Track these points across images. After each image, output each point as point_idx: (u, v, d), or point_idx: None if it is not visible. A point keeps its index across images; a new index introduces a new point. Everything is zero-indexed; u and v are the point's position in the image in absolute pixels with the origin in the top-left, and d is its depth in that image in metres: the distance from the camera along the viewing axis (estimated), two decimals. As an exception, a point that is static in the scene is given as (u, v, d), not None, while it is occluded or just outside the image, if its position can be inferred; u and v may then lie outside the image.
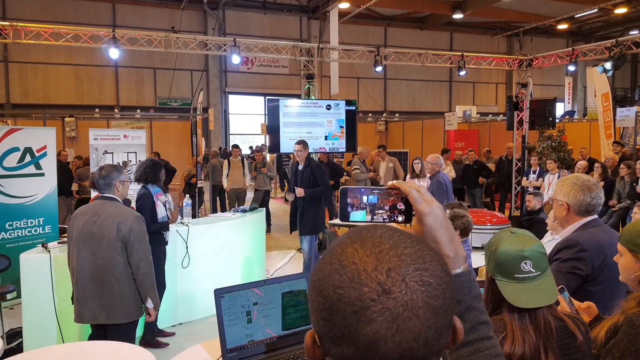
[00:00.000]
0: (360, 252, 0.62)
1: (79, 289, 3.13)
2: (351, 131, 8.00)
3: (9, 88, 15.95)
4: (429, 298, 0.60)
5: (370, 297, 0.59)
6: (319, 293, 0.62)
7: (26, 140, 5.82)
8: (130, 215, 3.21)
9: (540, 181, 8.82)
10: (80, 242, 3.13)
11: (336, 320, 0.60)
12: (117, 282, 3.11)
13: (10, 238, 5.62)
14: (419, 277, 0.60)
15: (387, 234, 0.65)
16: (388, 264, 0.61)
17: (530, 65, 10.58)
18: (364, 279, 0.60)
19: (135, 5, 17.04)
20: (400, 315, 0.58)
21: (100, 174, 3.27)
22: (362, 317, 0.58)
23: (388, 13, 19.54)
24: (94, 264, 3.10)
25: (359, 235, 0.66)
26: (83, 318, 3.17)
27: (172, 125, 14.18)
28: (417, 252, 0.63)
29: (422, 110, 20.69)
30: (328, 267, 0.63)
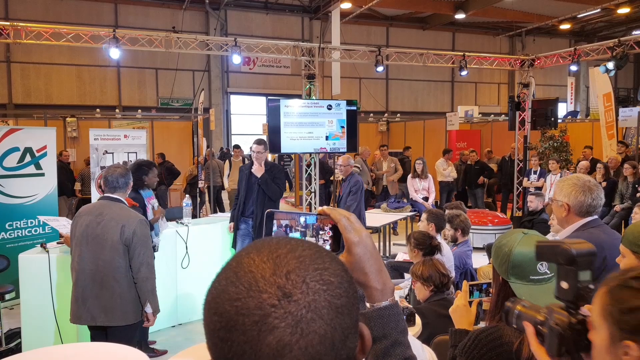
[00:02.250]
0: (256, 260, 0.58)
1: (78, 289, 3.10)
2: (352, 131, 7.97)
3: (11, 88, 15.98)
4: (331, 297, 0.57)
5: (270, 302, 0.54)
6: (215, 312, 0.56)
7: (26, 140, 5.82)
8: (135, 218, 3.16)
9: (541, 181, 8.78)
10: (82, 241, 3.10)
11: (235, 337, 0.54)
12: (117, 284, 3.07)
13: (10, 238, 5.62)
14: (319, 277, 0.57)
15: (284, 240, 0.62)
16: (287, 267, 0.57)
17: (532, 65, 10.54)
18: (263, 285, 0.55)
19: (137, 6, 17.05)
20: (304, 318, 0.54)
21: (118, 173, 3.22)
22: (263, 327, 0.54)
23: (390, 13, 19.51)
24: (95, 265, 3.07)
25: (255, 245, 0.62)
26: (81, 319, 3.13)
27: (174, 126, 14.17)
28: (315, 253, 0.60)
29: (424, 110, 20.65)
30: (223, 282, 0.58)
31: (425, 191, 8.33)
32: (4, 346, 4.26)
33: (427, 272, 2.88)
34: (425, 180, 8.35)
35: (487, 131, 14.08)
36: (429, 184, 8.35)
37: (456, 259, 4.15)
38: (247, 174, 5.07)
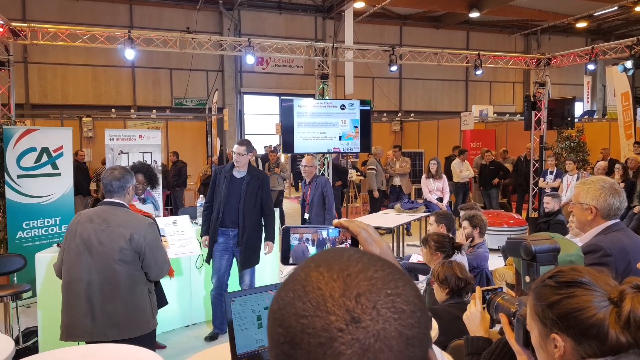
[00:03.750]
0: (326, 277, 0.56)
1: (82, 302, 2.82)
2: (366, 131, 7.95)
3: (28, 89, 16.18)
4: (402, 327, 0.54)
5: (338, 326, 0.52)
6: (280, 324, 0.55)
7: (43, 140, 5.89)
8: (143, 222, 2.95)
9: (558, 182, 8.67)
10: (85, 250, 2.84)
11: (299, 355, 0.53)
12: (128, 294, 2.85)
13: (27, 237, 5.69)
14: (391, 303, 0.54)
15: (355, 256, 0.59)
16: (357, 289, 0.54)
17: (548, 64, 10.41)
18: (331, 306, 0.53)
19: (151, 7, 17.17)
20: (372, 347, 0.52)
21: (114, 175, 2.97)
22: (329, 350, 0.52)
23: (404, 12, 19.41)
24: (104, 276, 2.82)
25: (324, 258, 0.59)
26: (89, 335, 2.83)
27: (188, 126, 14.25)
28: (388, 275, 0.57)
29: (438, 110, 20.52)
30: (290, 295, 0.56)
31: (439, 192, 8.27)
32: (21, 344, 4.31)
33: (443, 274, 2.84)
34: (439, 180, 8.28)
35: (502, 131, 13.95)
36: (443, 184, 8.29)
37: (474, 260, 4.09)
38: (227, 177, 4.51)
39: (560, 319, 1.02)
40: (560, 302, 1.02)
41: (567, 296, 1.02)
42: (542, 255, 1.25)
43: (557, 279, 1.05)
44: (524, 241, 1.29)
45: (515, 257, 1.44)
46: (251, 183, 4.46)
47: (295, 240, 0.95)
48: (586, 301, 1.00)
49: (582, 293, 1.01)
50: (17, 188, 5.66)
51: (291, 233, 0.95)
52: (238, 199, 4.43)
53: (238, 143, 4.56)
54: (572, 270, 1.06)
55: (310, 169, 5.65)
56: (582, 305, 1.00)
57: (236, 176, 4.50)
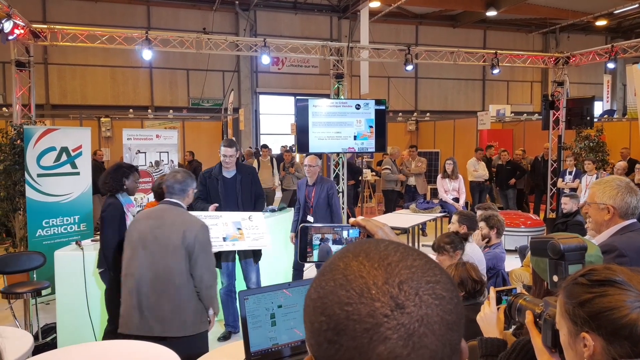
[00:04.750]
0: (367, 266, 0.58)
1: (132, 297, 2.92)
2: (381, 131, 7.92)
3: (48, 89, 16.46)
4: (443, 312, 0.56)
5: (383, 312, 0.54)
6: (322, 312, 0.57)
7: (62, 140, 5.98)
8: (197, 223, 3.02)
9: (576, 182, 8.54)
10: (140, 246, 2.95)
11: (344, 341, 0.54)
12: (177, 292, 2.90)
13: (46, 235, 5.79)
14: (432, 290, 0.57)
15: (392, 246, 0.61)
16: (399, 276, 0.56)
17: (567, 63, 10.27)
18: (375, 293, 0.55)
19: (168, 8, 17.33)
20: (416, 332, 0.54)
21: (176, 179, 3.09)
22: (375, 336, 0.53)
23: (420, 11, 19.30)
24: (155, 272, 2.90)
25: (361, 248, 0.61)
26: (134, 328, 2.90)
27: (204, 126, 14.36)
28: (425, 264, 0.59)
29: (454, 109, 20.37)
30: (331, 284, 0.58)
31: (455, 192, 8.20)
32: (41, 340, 4.39)
33: (458, 277, 2.79)
34: (455, 180, 8.22)
35: (519, 131, 13.79)
36: (460, 184, 8.22)
37: (490, 261, 4.05)
38: (219, 179, 4.58)
39: (592, 318, 1.00)
40: (592, 300, 1.01)
41: (600, 295, 1.00)
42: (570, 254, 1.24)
43: (590, 277, 1.04)
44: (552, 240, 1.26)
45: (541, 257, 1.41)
46: (244, 180, 4.56)
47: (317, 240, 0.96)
48: (619, 300, 0.98)
49: (615, 292, 0.99)
50: (37, 187, 5.76)
51: (309, 232, 0.95)
52: (235, 198, 4.51)
53: (227, 145, 4.55)
54: (605, 268, 1.05)
55: (314, 168, 5.28)
56: (615, 304, 0.98)
57: (227, 176, 4.57)
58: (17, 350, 2.48)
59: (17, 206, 6.28)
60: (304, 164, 5.36)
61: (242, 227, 4.35)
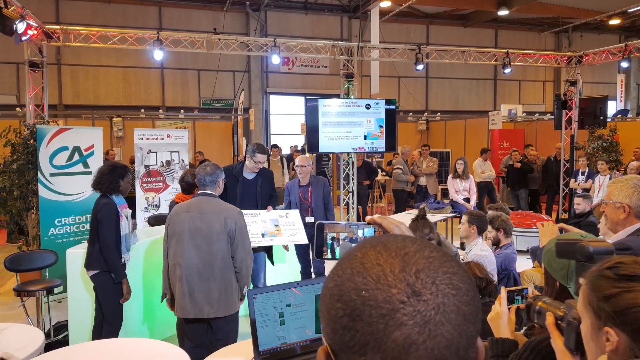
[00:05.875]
0: (384, 255, 0.58)
1: (184, 284, 3.16)
2: (391, 131, 7.89)
3: (61, 89, 16.64)
4: (460, 303, 0.56)
5: (400, 299, 0.54)
6: (338, 299, 0.57)
7: (75, 139, 6.04)
8: (234, 210, 3.31)
9: (589, 183, 8.45)
10: (186, 237, 3.18)
11: (360, 327, 0.54)
12: (222, 275, 3.18)
13: (58, 234, 5.84)
14: (449, 280, 0.56)
15: (410, 239, 0.61)
16: (416, 265, 0.57)
17: (579, 62, 10.16)
18: (392, 280, 0.55)
19: (180, 8, 17.43)
20: (432, 319, 0.54)
21: (206, 172, 3.34)
22: (391, 321, 0.53)
23: (430, 11, 19.22)
24: (201, 259, 3.17)
25: (379, 240, 0.61)
26: (188, 312, 3.18)
27: (215, 126, 14.43)
28: (443, 256, 0.59)
29: (465, 109, 20.25)
30: (348, 272, 0.58)
31: (466, 192, 8.15)
32: (52, 338, 4.43)
33: None
34: (466, 180, 8.17)
35: (531, 130, 13.67)
36: (470, 184, 8.17)
37: (501, 261, 4.02)
38: (237, 179, 4.64)
39: (617, 314, 0.97)
40: (619, 295, 0.97)
41: (627, 290, 0.97)
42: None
43: (617, 271, 1.00)
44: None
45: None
46: (264, 184, 4.69)
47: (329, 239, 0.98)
48: None
49: None
50: (50, 186, 5.82)
51: (325, 229, 0.97)
52: (255, 201, 4.63)
53: (261, 152, 4.58)
54: (634, 262, 1.01)
55: (306, 168, 5.15)
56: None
57: (248, 178, 4.65)
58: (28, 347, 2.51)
59: (30, 205, 6.35)
60: (296, 165, 5.23)
61: (279, 224, 4.57)
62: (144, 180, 6.99)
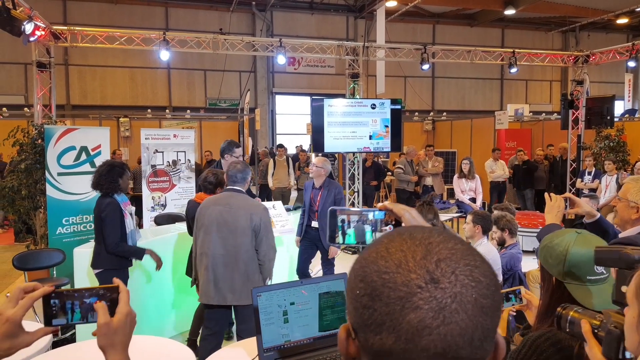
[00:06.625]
0: (408, 242, 0.60)
1: (209, 272, 3.35)
2: (396, 130, 7.89)
3: (69, 90, 16.76)
4: (479, 295, 0.57)
5: (417, 283, 0.56)
6: (361, 279, 0.60)
7: (82, 139, 6.08)
8: (260, 206, 3.48)
9: (596, 183, 8.41)
10: (213, 228, 3.36)
11: (378, 306, 0.57)
12: (245, 266, 3.34)
13: (66, 233, 5.88)
14: (469, 272, 0.58)
15: (437, 231, 0.63)
16: (438, 255, 0.58)
17: (586, 62, 10.11)
18: (412, 266, 0.58)
19: (186, 9, 17.51)
20: (448, 307, 0.55)
21: (238, 169, 3.51)
22: (407, 304, 0.56)
23: (437, 10, 19.19)
24: (226, 250, 3.34)
25: (407, 229, 0.64)
26: (212, 299, 3.36)
27: (221, 125, 14.48)
28: (467, 249, 0.61)
29: (472, 109, 20.20)
30: (373, 255, 0.61)
31: (472, 192, 8.13)
32: (60, 336, 4.47)
33: None
34: (472, 180, 8.15)
35: (538, 130, 13.62)
36: (476, 184, 8.15)
37: (506, 261, 4.01)
38: None
39: None
40: None
41: None
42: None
43: None
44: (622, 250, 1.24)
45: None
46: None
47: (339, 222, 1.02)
48: None
49: None
50: (58, 185, 5.86)
51: (338, 215, 1.01)
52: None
53: (238, 147, 4.92)
54: None
55: (319, 169, 5.04)
56: None
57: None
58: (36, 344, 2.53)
59: (38, 204, 6.40)
60: (311, 163, 5.33)
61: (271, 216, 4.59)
62: (151, 180, 7.03)
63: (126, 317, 1.00)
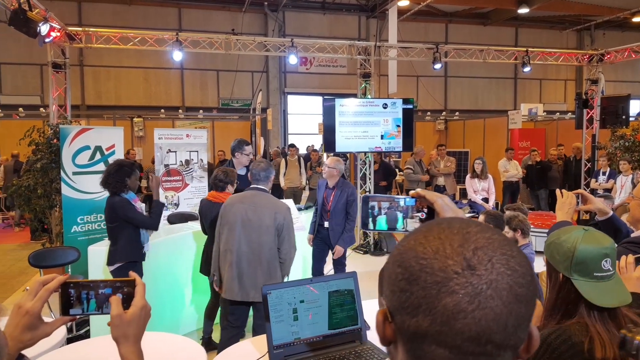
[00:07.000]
0: (447, 231, 0.62)
1: (233, 269, 3.43)
2: (408, 130, 7.87)
3: (84, 90, 16.96)
4: (514, 283, 0.58)
5: (454, 269, 0.58)
6: (399, 265, 0.62)
7: (96, 139, 6.16)
8: (284, 206, 3.55)
9: (611, 183, 8.31)
10: (237, 226, 3.43)
11: (415, 290, 0.59)
12: (267, 264, 3.42)
13: (81, 231, 5.97)
14: (505, 261, 0.59)
15: (474, 222, 0.65)
16: (475, 243, 0.60)
17: (601, 61, 9.99)
18: (450, 252, 0.59)
19: (199, 9, 17.62)
20: (483, 293, 0.57)
21: (261, 167, 3.58)
22: (443, 288, 0.58)
23: (449, 9, 19.08)
24: (250, 247, 3.41)
25: (446, 219, 0.66)
26: (236, 295, 3.43)
27: (233, 125, 14.55)
28: (504, 240, 0.62)
29: (485, 108, 20.06)
30: (411, 242, 0.63)
31: (484, 192, 8.09)
32: (75, 332, 4.54)
33: None
34: (485, 180, 8.10)
35: (552, 130, 13.49)
36: (489, 184, 8.10)
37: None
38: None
39: None
40: None
41: None
42: None
43: None
44: None
45: None
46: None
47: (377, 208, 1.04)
48: None
49: None
50: (73, 184, 5.95)
51: (369, 201, 1.03)
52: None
53: (247, 144, 5.03)
54: None
55: (331, 170, 5.00)
56: None
57: (241, 174, 4.95)
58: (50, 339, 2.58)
59: (53, 203, 6.50)
60: (324, 164, 5.28)
61: None
62: (164, 179, 7.10)
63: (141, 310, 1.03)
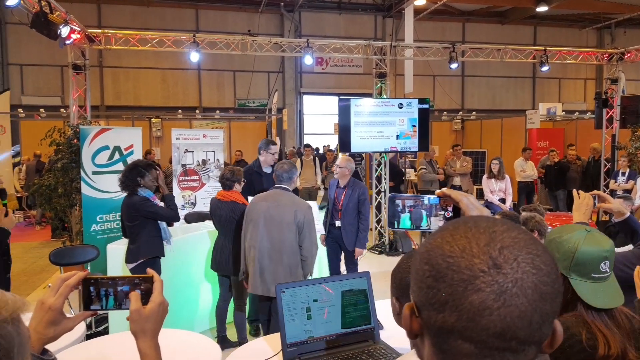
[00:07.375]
0: (473, 230, 0.64)
1: (256, 265, 3.55)
2: (424, 130, 7.84)
3: (103, 91, 17.22)
4: (539, 282, 0.60)
5: (480, 268, 0.60)
6: (426, 262, 0.64)
7: (115, 139, 6.26)
8: (304, 204, 3.67)
9: (631, 184, 8.18)
10: (261, 223, 3.55)
11: (442, 287, 0.61)
12: (288, 260, 3.52)
13: (100, 230, 6.07)
14: (531, 260, 0.61)
15: (501, 220, 0.66)
16: (501, 242, 0.62)
17: (621, 59, 9.83)
18: (476, 251, 0.61)
19: (216, 10, 17.77)
20: (509, 291, 0.58)
21: (284, 169, 3.72)
22: (470, 286, 0.59)
23: (466, 8, 18.94)
24: (271, 243, 3.53)
25: (473, 218, 0.68)
26: (257, 289, 3.56)
27: (250, 126, 14.64)
28: (530, 239, 0.64)
29: (502, 108, 19.86)
30: (438, 240, 0.65)
31: (501, 192, 8.01)
32: (94, 329, 4.63)
33: None
34: (501, 181, 8.03)
35: (571, 130, 13.31)
36: (506, 184, 8.02)
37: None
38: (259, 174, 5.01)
39: None
40: None
41: None
42: None
43: None
44: None
45: None
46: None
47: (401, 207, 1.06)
48: None
49: None
50: (92, 184, 6.05)
51: (395, 200, 1.06)
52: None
53: (273, 144, 5.09)
54: None
55: (343, 170, 5.02)
56: None
57: (267, 172, 5.02)
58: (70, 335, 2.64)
59: (73, 202, 6.62)
60: (335, 164, 5.21)
61: None
62: (181, 179, 7.18)
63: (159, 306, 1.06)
